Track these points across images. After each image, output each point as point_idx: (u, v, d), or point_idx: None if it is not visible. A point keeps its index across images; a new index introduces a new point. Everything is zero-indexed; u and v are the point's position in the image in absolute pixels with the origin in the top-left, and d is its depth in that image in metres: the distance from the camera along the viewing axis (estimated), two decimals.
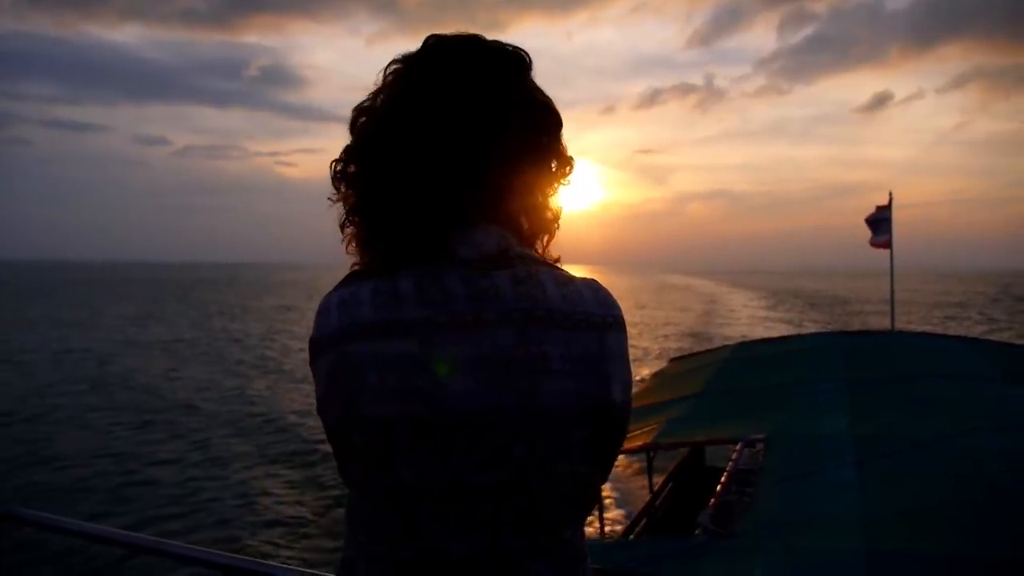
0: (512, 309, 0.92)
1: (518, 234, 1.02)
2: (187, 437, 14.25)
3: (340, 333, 0.93)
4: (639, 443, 5.35)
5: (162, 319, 42.13)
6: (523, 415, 0.91)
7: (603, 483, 1.12)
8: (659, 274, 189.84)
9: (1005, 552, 3.09)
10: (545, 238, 1.07)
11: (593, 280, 1.01)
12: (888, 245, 11.79)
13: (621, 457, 9.96)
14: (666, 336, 33.83)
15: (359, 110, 1.01)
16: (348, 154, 1.01)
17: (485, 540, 0.93)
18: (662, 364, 10.28)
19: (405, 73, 0.99)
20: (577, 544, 1.02)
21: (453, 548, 0.93)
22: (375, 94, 1.01)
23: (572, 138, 1.04)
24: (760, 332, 30.72)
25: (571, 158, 1.05)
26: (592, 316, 0.96)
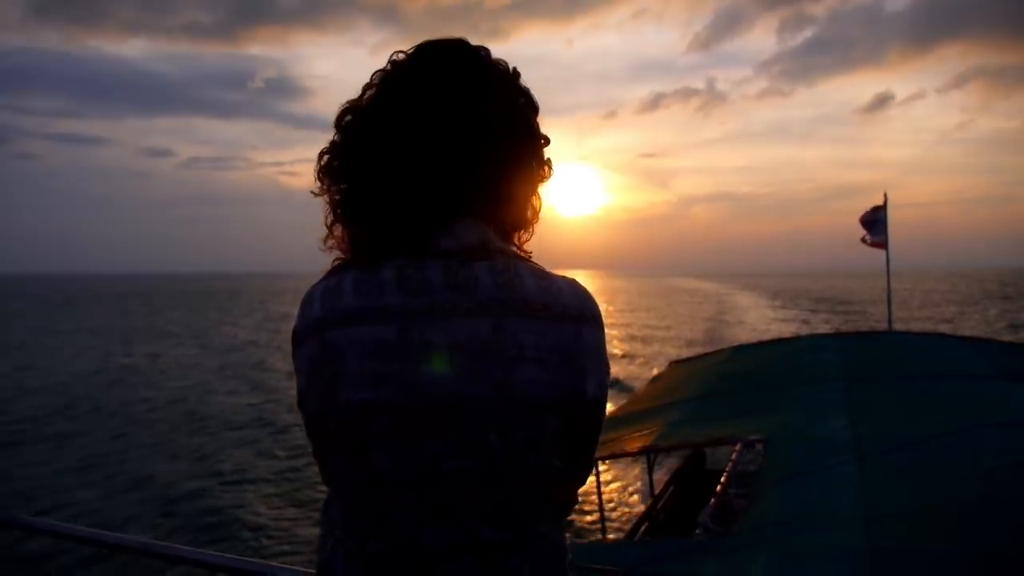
0: (489, 299, 0.95)
1: (499, 230, 1.05)
2: None
3: (322, 321, 0.95)
4: (639, 445, 5.36)
5: (228, 324, 45.45)
6: (497, 403, 0.93)
7: (581, 483, 1.13)
8: (664, 278, 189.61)
9: (1005, 548, 3.09)
10: (523, 232, 1.10)
11: (572, 278, 1.04)
12: (884, 245, 11.84)
13: (622, 460, 10.03)
14: (679, 337, 33.99)
15: (346, 108, 1.04)
16: (335, 150, 1.04)
17: (457, 530, 0.94)
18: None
19: (393, 75, 1.02)
20: (555, 541, 1.03)
21: (426, 538, 0.94)
22: (363, 93, 1.04)
23: (575, 144, 1.09)
24: (771, 331, 30.90)
25: (549, 159, 1.08)
26: (568, 309, 0.99)
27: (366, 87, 1.04)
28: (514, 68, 1.06)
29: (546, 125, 1.08)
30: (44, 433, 15.51)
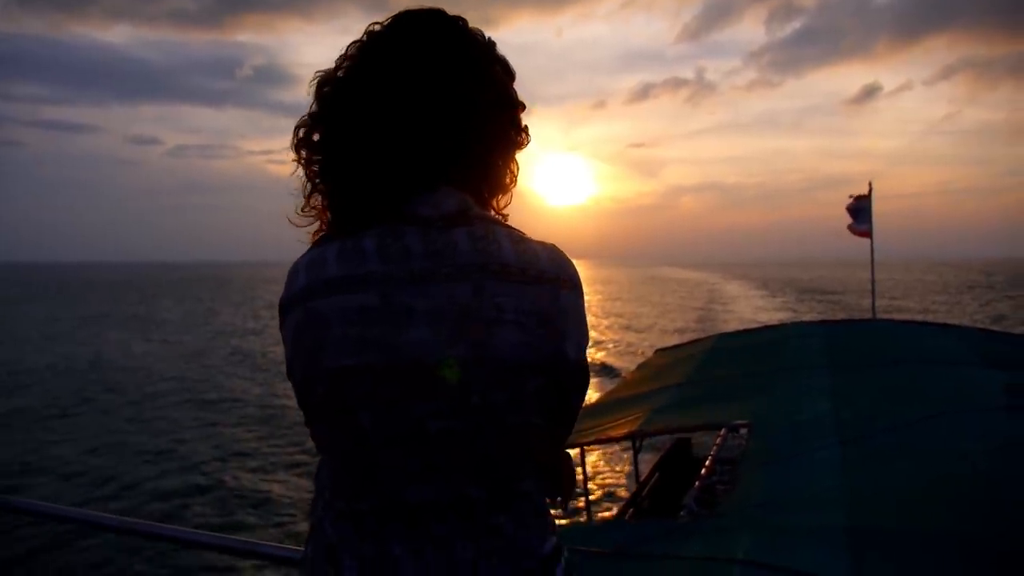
0: (468, 264, 0.97)
1: (478, 196, 1.07)
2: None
3: (306, 291, 0.97)
4: (625, 431, 5.40)
5: (229, 312, 47.00)
6: (477, 364, 0.95)
7: (563, 442, 1.16)
8: (653, 267, 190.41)
9: (985, 528, 3.14)
10: (501, 198, 1.12)
11: (551, 243, 1.06)
12: (869, 234, 11.96)
13: (607, 446, 10.09)
14: (669, 327, 34.28)
15: (323, 78, 1.04)
16: (313, 120, 1.05)
17: (442, 488, 0.97)
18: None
19: (372, 44, 1.03)
20: (538, 501, 1.06)
21: (411, 495, 0.97)
22: (339, 63, 1.04)
23: (564, 133, 1.17)
24: (760, 321, 31.31)
25: (526, 127, 1.10)
26: (546, 273, 1.01)
27: (342, 58, 1.05)
28: (490, 37, 1.08)
29: (535, 114, 1.15)
30: (81, 414, 16.25)
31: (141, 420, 15.55)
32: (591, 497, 7.81)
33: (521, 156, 1.13)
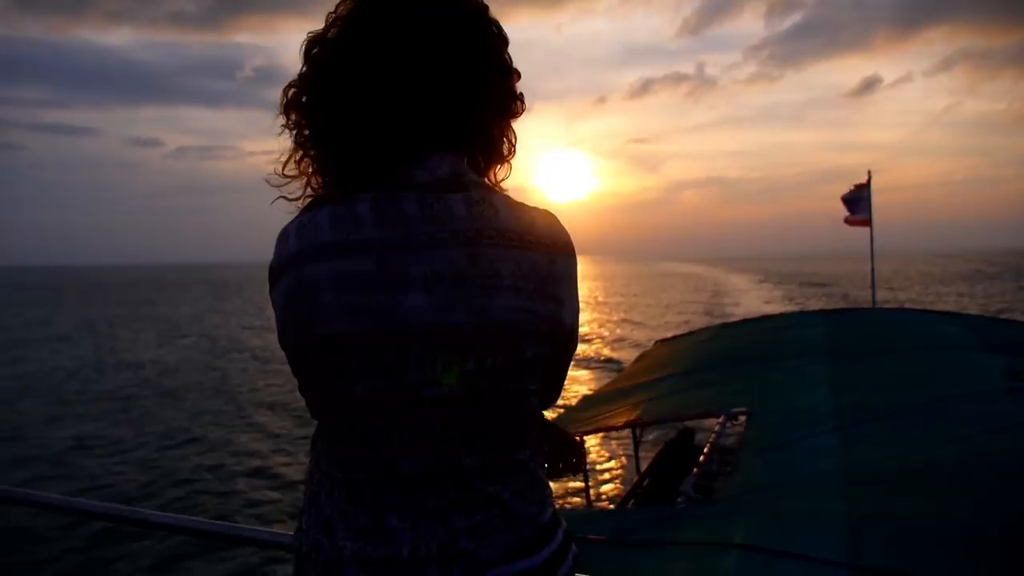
0: (465, 229, 0.95)
1: (474, 163, 1.05)
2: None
3: (297, 256, 0.94)
4: (625, 419, 5.40)
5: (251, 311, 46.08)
6: (474, 329, 0.94)
7: (548, 408, 1.15)
8: (656, 262, 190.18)
9: (979, 508, 3.13)
10: (499, 168, 1.10)
11: (546, 210, 1.04)
12: (867, 223, 11.90)
13: (610, 437, 10.10)
14: (671, 321, 34.33)
15: (313, 40, 1.01)
16: (304, 82, 1.01)
17: (437, 456, 0.95)
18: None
19: (363, 6, 1.00)
20: (533, 471, 1.04)
21: (406, 464, 0.95)
22: (330, 24, 1.01)
23: (565, 129, 1.01)
24: (765, 311, 31.35)
25: (522, 94, 1.08)
26: (542, 239, 0.99)
27: (332, 18, 1.02)
28: (484, 2, 1.05)
29: (536, 110, 1.07)
30: (121, 406, 16.59)
31: (178, 410, 15.99)
32: (591, 486, 7.79)
33: (521, 153, 1.11)
